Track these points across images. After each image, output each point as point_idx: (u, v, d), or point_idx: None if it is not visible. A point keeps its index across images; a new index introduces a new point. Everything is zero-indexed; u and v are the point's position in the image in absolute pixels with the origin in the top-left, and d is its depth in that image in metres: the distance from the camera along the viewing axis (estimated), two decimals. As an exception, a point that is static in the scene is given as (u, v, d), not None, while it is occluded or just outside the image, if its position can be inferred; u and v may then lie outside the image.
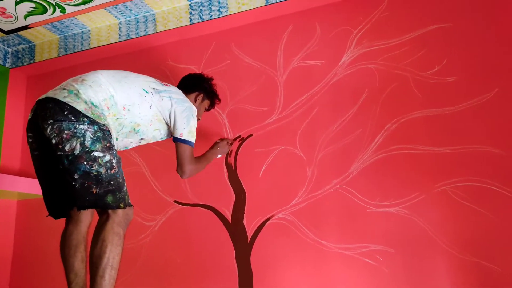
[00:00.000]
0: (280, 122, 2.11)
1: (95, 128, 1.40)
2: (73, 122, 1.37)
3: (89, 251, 1.36)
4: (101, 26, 2.54)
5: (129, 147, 1.74)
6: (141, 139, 1.71)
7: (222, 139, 2.06)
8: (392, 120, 1.92)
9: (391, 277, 1.77)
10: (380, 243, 1.82)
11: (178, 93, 1.77)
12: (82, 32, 2.59)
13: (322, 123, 2.04)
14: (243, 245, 2.04)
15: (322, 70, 2.10)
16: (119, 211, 1.37)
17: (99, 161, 1.37)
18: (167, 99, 1.70)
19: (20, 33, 2.59)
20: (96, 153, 1.37)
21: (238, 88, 2.25)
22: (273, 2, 2.15)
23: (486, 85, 1.81)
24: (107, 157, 1.40)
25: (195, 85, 1.96)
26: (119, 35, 2.49)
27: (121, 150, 1.73)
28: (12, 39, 2.65)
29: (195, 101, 1.94)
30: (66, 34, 2.62)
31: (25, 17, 2.41)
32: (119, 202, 1.38)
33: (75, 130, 1.36)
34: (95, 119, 1.41)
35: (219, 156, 2.04)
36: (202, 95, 1.95)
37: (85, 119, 1.39)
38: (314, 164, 2.00)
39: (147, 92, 1.64)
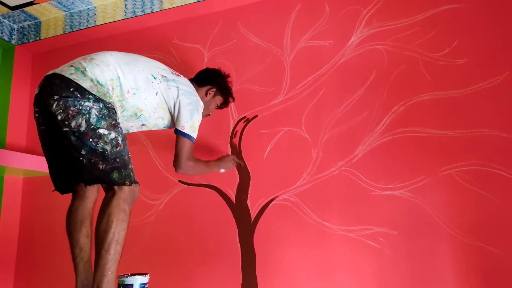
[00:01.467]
0: (286, 103, 2.09)
1: (101, 106, 1.40)
2: (78, 99, 1.36)
3: (94, 226, 1.37)
4: (107, 3, 2.51)
5: (130, 131, 1.73)
6: (143, 125, 1.69)
7: (228, 155, 2.05)
8: (400, 102, 1.89)
9: (393, 259, 1.77)
10: (383, 225, 1.82)
11: (187, 85, 1.74)
12: (88, 9, 2.56)
13: (329, 104, 2.01)
14: (246, 225, 2.04)
15: (330, 50, 2.06)
16: (125, 187, 1.38)
17: (105, 138, 1.38)
18: (174, 88, 1.68)
19: (26, 9, 2.57)
20: (101, 131, 1.37)
21: (245, 68, 2.22)
22: (282, -20, 2.11)
23: (497, 68, 1.77)
24: (113, 135, 1.40)
25: (209, 79, 1.93)
26: (125, 12, 2.46)
27: None
28: (18, 15, 2.63)
29: (206, 95, 1.90)
30: (72, 11, 2.59)
31: (30, -8, 2.39)
32: (124, 179, 1.39)
33: (80, 107, 1.36)
34: (101, 97, 1.41)
35: (222, 170, 2.00)
36: (214, 90, 1.92)
37: (91, 96, 1.38)
38: (319, 146, 1.99)
39: (155, 78, 1.62)
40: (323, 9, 2.12)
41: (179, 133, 1.70)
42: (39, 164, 2.42)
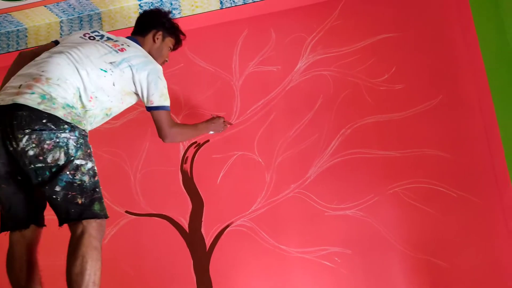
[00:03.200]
0: (237, 127, 2.09)
1: (77, 135, 1.30)
2: (54, 131, 1.25)
3: (66, 268, 1.25)
4: (40, 24, 2.35)
5: (95, 127, 1.59)
6: (112, 117, 1.61)
7: (219, 117, 1.95)
8: (347, 125, 1.98)
9: (349, 278, 1.83)
10: (338, 245, 1.87)
11: (137, 56, 1.59)
12: (18, 30, 2.37)
13: (280, 128, 2.05)
14: (201, 254, 1.99)
15: (278, 75, 2.11)
16: (94, 223, 1.27)
17: (82, 169, 1.28)
18: (127, 69, 1.53)
19: None
20: (77, 161, 1.28)
21: (193, 92, 2.19)
22: (228, 6, 2.13)
23: (432, 92, 1.93)
24: (89, 165, 1.31)
25: (151, 23, 1.77)
26: (61, 34, 2.31)
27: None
28: None
29: (154, 41, 1.75)
30: (-2, 31, 2.39)
31: (-51, 11, 2.16)
32: (105, 211, 1.31)
33: (57, 140, 1.25)
34: (76, 124, 1.31)
35: (211, 132, 1.93)
36: (161, 32, 1.77)
37: (66, 126, 1.28)
38: (273, 169, 2.01)
39: (105, 71, 1.47)
40: (269, 36, 2.18)
41: (152, 109, 1.59)
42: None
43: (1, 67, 2.45)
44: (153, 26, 1.77)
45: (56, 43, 1.60)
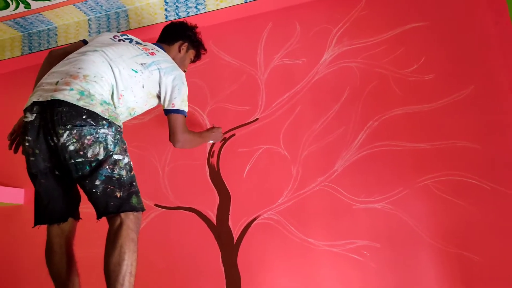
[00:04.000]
0: (262, 121, 2.09)
1: (113, 131, 1.35)
2: (94, 127, 1.30)
3: (104, 258, 1.29)
4: (69, 22, 2.41)
5: None
6: (134, 117, 1.69)
7: (218, 127, 2.05)
8: (374, 117, 1.96)
9: (378, 271, 1.81)
10: (366, 238, 1.85)
11: (165, 60, 1.68)
12: (48, 29, 2.44)
13: (306, 121, 2.04)
14: (229, 247, 2.01)
15: (304, 68, 2.10)
16: (131, 216, 1.32)
17: (120, 164, 1.33)
18: (156, 72, 1.61)
19: (-22, 29, 2.41)
20: (115, 156, 1.32)
21: (218, 87, 2.20)
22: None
23: (463, 82, 1.88)
24: (126, 159, 1.36)
25: (178, 34, 1.88)
26: (89, 32, 2.37)
27: None
28: (-31, 37, 2.46)
29: (180, 51, 1.86)
30: (30, 31, 2.46)
31: (-16, 12, 2.24)
32: (142, 204, 1.36)
33: (97, 135, 1.30)
34: (112, 120, 1.36)
35: (211, 141, 2.04)
36: (186, 44, 1.89)
37: (104, 121, 1.33)
38: (299, 162, 2.01)
39: (136, 71, 1.53)
40: (294, 28, 2.16)
41: (170, 112, 1.66)
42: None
43: (34, 66, 2.54)
44: (180, 37, 1.88)
45: (84, 42, 1.65)
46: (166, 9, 2.26)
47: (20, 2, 2.17)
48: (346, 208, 1.90)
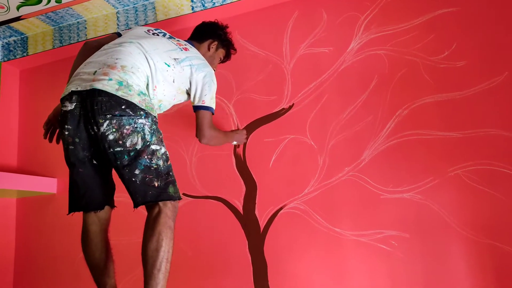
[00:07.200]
0: (289, 111, 2.09)
1: (150, 121, 1.38)
2: (132, 117, 1.33)
3: (142, 244, 1.33)
4: (98, 16, 2.46)
5: None
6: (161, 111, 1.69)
7: (243, 129, 2.10)
8: (404, 105, 1.92)
9: (406, 262, 1.79)
10: (394, 228, 1.83)
11: (197, 57, 1.70)
12: (78, 22, 2.49)
13: (332, 110, 2.02)
14: (255, 235, 2.03)
15: (330, 57, 2.08)
16: (169, 204, 1.35)
17: (157, 154, 1.36)
18: (188, 68, 1.63)
19: (12, 24, 2.48)
20: (153, 146, 1.35)
21: (244, 77, 2.21)
22: (278, -12, 2.11)
23: (496, 69, 1.82)
24: (163, 150, 1.39)
25: (209, 33, 1.91)
26: (118, 24, 2.41)
27: None
28: (3, 31, 2.54)
29: (209, 49, 1.88)
30: (60, 25, 2.52)
31: (18, 7, 2.30)
32: (178, 193, 1.39)
33: (135, 125, 1.33)
34: (149, 111, 1.38)
35: (234, 143, 2.05)
36: (216, 43, 1.91)
37: (142, 112, 1.36)
38: (326, 152, 1.99)
39: (169, 65, 1.56)
40: (321, 16, 2.14)
41: (200, 108, 1.68)
42: (33, 184, 2.34)
43: (65, 59, 2.61)
44: (211, 36, 1.90)
45: (118, 34, 1.68)
46: (192, 0, 2.27)
47: (51, -3, 2.23)
48: (374, 198, 1.88)
